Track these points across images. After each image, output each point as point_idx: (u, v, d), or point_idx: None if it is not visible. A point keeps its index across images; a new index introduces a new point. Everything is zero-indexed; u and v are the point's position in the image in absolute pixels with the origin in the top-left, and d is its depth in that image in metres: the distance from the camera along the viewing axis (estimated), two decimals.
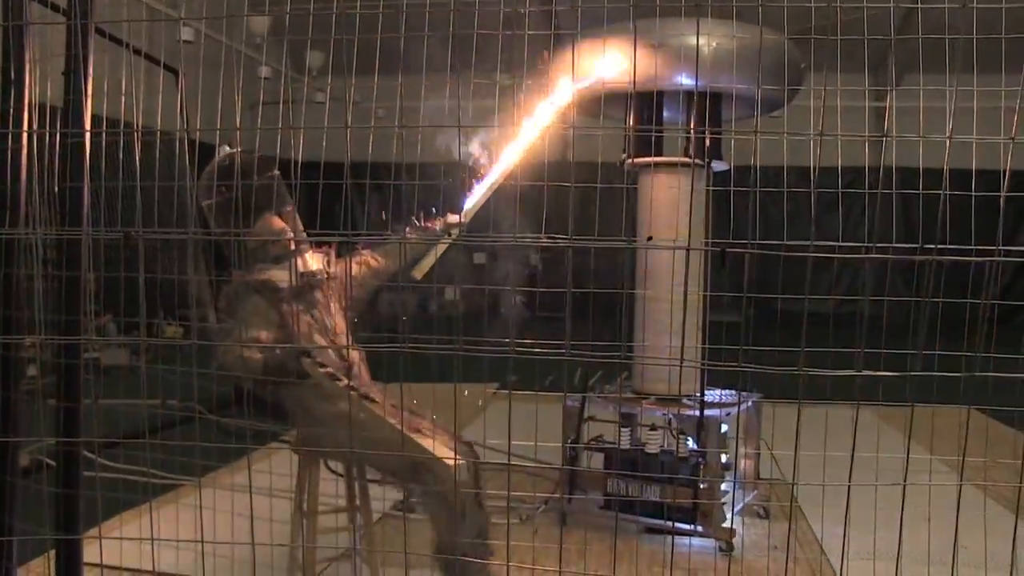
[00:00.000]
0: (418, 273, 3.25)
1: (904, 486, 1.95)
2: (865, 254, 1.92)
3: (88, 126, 1.92)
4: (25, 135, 1.81)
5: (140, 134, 2.05)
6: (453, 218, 3.24)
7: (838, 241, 2.06)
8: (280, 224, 3.03)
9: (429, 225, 3.24)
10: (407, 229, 3.24)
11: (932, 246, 1.84)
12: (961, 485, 1.97)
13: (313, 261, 3.05)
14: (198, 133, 2.82)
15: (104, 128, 2.14)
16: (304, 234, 3.10)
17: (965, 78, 2.07)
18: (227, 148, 2.94)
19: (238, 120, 2.53)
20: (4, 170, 1.89)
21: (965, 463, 2.11)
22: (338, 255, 3.11)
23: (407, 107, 2.28)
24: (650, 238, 4.06)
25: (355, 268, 3.17)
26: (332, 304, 3.07)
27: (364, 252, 3.20)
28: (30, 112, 1.86)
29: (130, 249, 1.95)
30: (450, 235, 3.24)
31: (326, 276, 3.05)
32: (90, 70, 1.92)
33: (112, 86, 2.27)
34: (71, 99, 1.87)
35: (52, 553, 2.02)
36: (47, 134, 1.91)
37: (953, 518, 2.02)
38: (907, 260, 1.93)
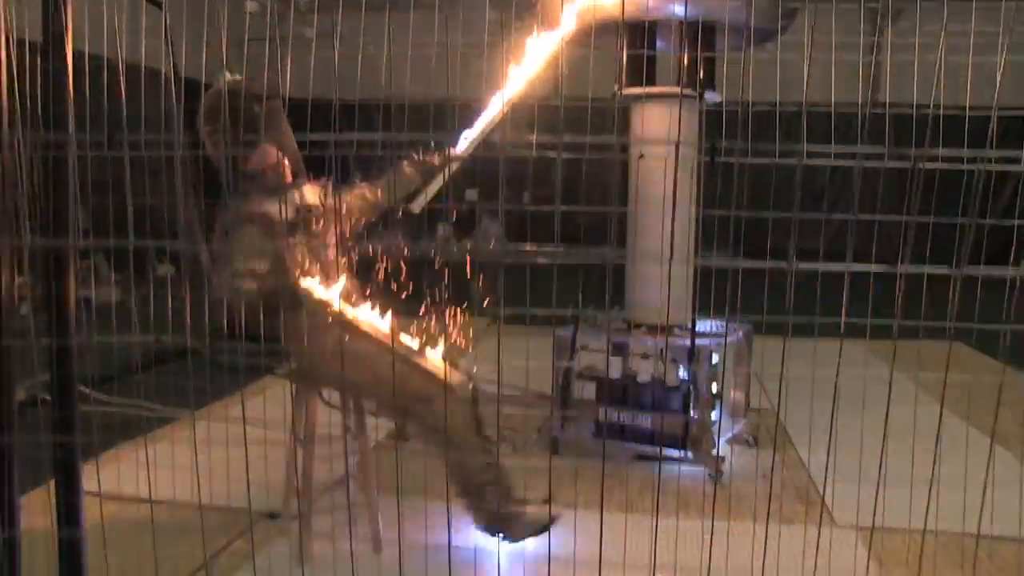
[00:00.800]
0: (415, 207, 3.25)
1: (887, 413, 1.98)
2: (858, 169, 1.92)
3: (70, 55, 1.89)
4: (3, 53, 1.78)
5: (124, 63, 2.03)
6: (452, 152, 3.23)
7: (828, 189, 2.05)
8: (278, 154, 3.01)
9: (427, 158, 3.24)
10: (404, 162, 3.23)
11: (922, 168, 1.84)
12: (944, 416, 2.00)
13: (310, 193, 3.04)
14: (184, 68, 2.78)
15: (87, 61, 2.11)
16: (302, 164, 3.09)
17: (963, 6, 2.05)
18: (227, 75, 2.91)
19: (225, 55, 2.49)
20: None
21: (948, 393, 2.14)
22: (334, 187, 3.10)
23: (396, 44, 2.25)
24: (641, 156, 4.06)
25: (351, 201, 3.17)
26: (328, 236, 3.08)
27: (361, 185, 3.20)
28: (7, 37, 1.82)
29: (117, 172, 1.95)
30: (448, 168, 3.24)
31: (322, 209, 3.04)
32: None
33: (94, 20, 2.23)
34: (50, 24, 1.84)
35: (51, 485, 2.06)
36: (27, 63, 1.88)
37: (933, 444, 2.06)
38: (897, 191, 1.93)
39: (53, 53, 1.79)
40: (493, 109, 3.20)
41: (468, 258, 2.67)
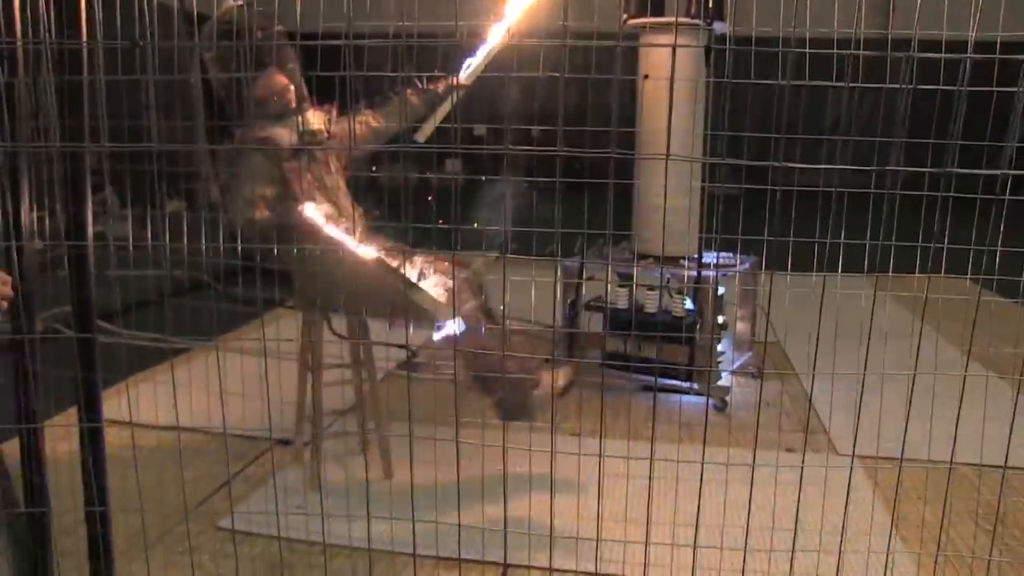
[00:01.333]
0: (421, 136, 3.26)
1: (884, 349, 2.02)
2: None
3: None
4: None
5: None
6: (455, 80, 3.21)
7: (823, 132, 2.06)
8: (283, 80, 3.02)
9: (431, 87, 3.24)
10: (409, 91, 3.23)
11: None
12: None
13: (314, 119, 3.06)
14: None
15: None
16: (306, 91, 3.10)
17: None
18: (229, 1, 2.91)
19: None
20: None
21: (952, 327, 2.18)
22: (339, 114, 3.12)
23: None
24: (646, 76, 4.04)
25: (356, 128, 3.19)
26: (332, 163, 3.11)
27: (365, 112, 3.21)
28: None
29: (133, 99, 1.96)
30: (454, 96, 3.24)
31: (327, 135, 3.06)
32: None
33: None
34: None
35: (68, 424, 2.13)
36: None
37: (937, 380, 2.11)
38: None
39: None
40: (495, 37, 3.19)
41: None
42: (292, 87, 3.05)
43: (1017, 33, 2.01)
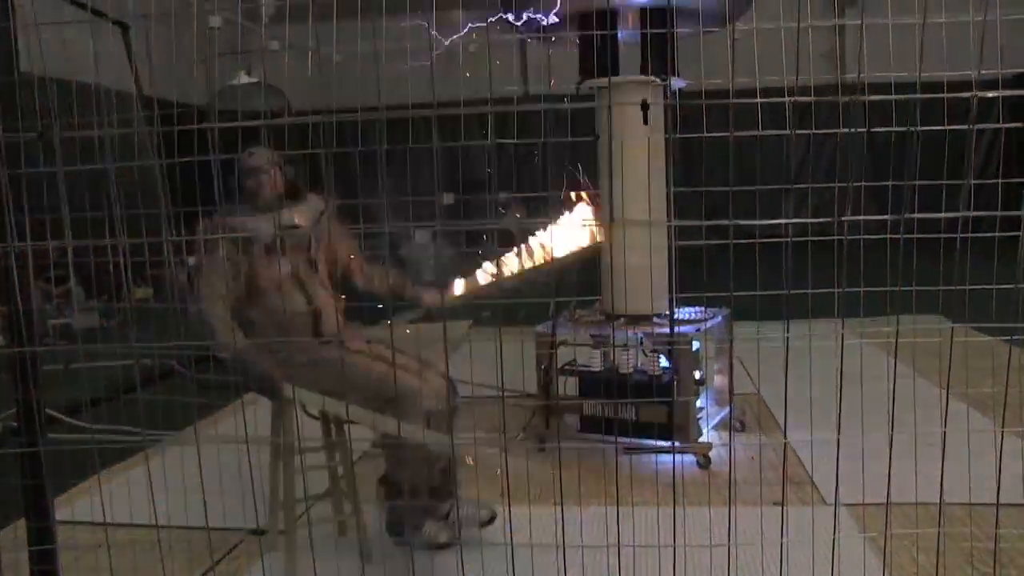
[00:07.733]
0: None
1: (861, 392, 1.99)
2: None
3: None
4: None
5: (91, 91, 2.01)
6: (429, 299, 3.21)
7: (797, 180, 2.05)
8: (264, 166, 2.95)
9: (421, 290, 3.23)
10: (395, 273, 3.24)
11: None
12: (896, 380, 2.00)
13: (299, 214, 2.98)
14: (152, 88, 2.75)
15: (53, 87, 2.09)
16: (300, 183, 3.05)
17: None
18: (244, 76, 2.88)
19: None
20: None
21: (929, 365, 2.16)
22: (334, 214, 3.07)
23: (368, 52, 2.20)
24: (597, 136, 4.04)
25: (339, 248, 3.13)
26: (312, 257, 3.02)
27: (353, 245, 3.18)
28: None
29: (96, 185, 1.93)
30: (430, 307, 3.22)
31: (306, 231, 2.99)
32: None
33: (57, 43, 2.21)
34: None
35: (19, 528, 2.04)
36: None
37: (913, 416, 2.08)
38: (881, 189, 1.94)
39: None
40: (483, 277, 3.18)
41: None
42: (277, 175, 2.98)
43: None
